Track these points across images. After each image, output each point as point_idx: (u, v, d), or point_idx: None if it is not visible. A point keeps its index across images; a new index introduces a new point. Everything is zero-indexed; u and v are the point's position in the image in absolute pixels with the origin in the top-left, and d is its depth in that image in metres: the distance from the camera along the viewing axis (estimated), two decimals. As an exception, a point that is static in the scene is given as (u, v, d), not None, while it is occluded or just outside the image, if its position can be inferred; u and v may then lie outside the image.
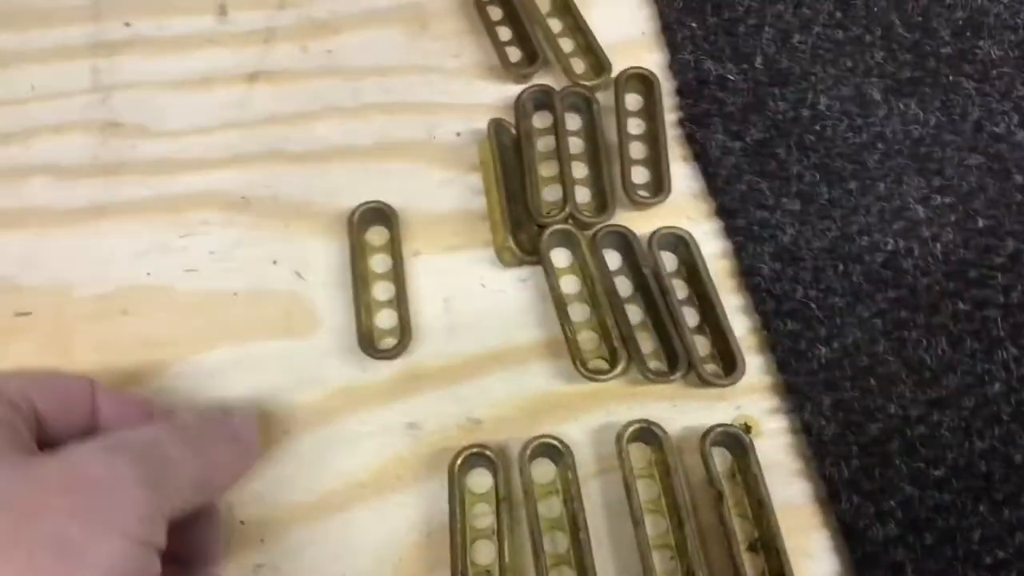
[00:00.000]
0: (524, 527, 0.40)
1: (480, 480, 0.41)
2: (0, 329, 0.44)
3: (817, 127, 0.49)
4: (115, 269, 0.46)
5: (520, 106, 0.49)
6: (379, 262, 0.46)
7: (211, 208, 0.47)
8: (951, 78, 0.51)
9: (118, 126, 0.49)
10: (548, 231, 0.46)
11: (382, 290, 0.45)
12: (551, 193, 0.48)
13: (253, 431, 0.38)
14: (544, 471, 0.42)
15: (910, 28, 0.53)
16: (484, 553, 0.40)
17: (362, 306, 0.44)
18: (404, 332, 0.43)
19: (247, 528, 0.40)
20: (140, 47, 0.52)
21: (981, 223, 0.47)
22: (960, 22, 0.53)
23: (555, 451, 0.41)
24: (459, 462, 0.40)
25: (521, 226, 0.47)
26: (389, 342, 0.44)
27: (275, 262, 0.46)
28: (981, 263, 0.46)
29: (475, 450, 0.41)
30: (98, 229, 0.47)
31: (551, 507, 0.41)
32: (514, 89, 0.50)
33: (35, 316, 0.44)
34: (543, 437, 0.41)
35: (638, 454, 0.42)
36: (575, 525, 0.39)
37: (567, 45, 0.53)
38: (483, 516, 0.40)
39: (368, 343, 0.43)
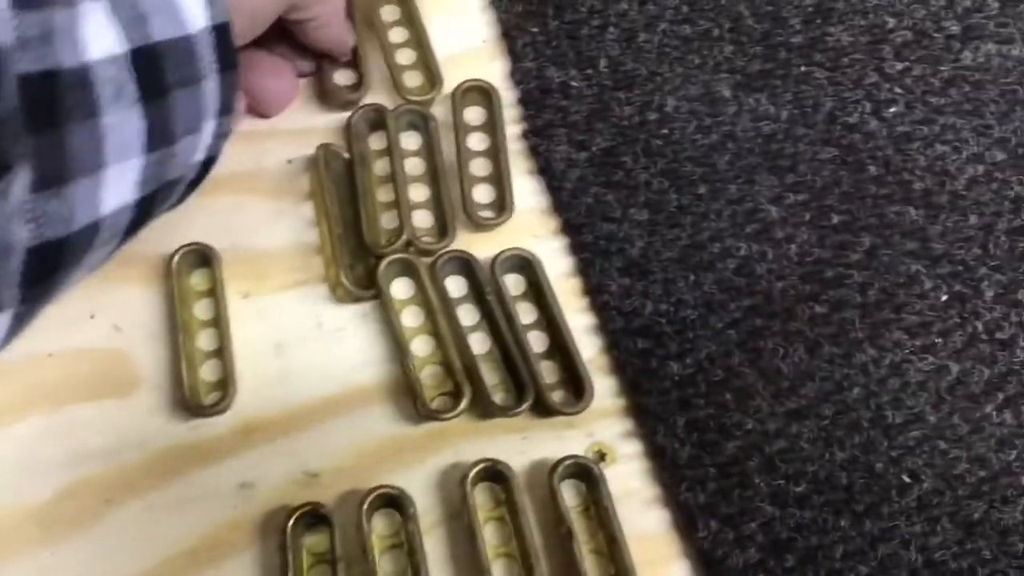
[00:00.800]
0: None
1: (320, 540, 0.39)
2: None
3: (665, 131, 0.47)
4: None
5: (352, 128, 0.46)
6: (204, 308, 0.43)
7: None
8: (802, 68, 0.49)
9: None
10: (385, 262, 0.43)
11: (208, 339, 0.42)
12: (390, 220, 0.45)
13: None
14: (389, 523, 0.39)
15: (759, 19, 0.51)
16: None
17: (183, 358, 0.41)
18: (228, 384, 0.40)
19: (63, 614, 0.37)
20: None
21: (836, 219, 0.45)
22: (810, 9, 0.51)
23: (396, 501, 0.39)
24: (291, 522, 0.38)
25: (359, 258, 0.44)
26: (215, 396, 0.41)
27: (92, 316, 0.43)
28: (837, 262, 0.44)
29: (308, 508, 0.38)
30: None
31: (395, 561, 0.38)
32: (343, 110, 0.47)
33: None
34: (382, 488, 0.38)
35: (488, 495, 0.40)
36: None
37: (406, 58, 0.50)
38: (322, 579, 0.38)
39: (192, 399, 0.40)
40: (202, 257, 0.43)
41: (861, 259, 0.44)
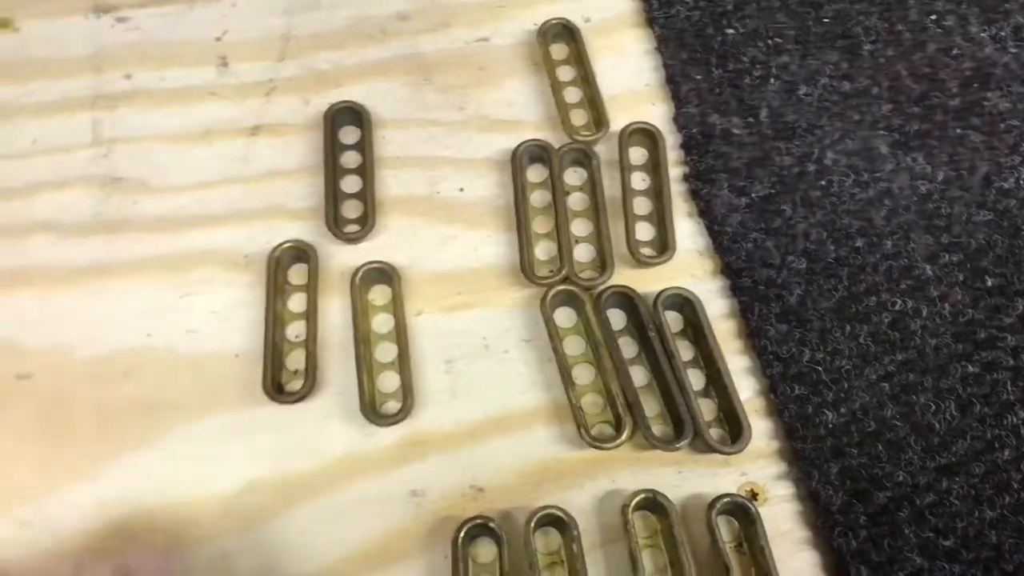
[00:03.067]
0: None
1: (484, 551, 0.41)
2: (1, 391, 0.44)
3: (823, 182, 0.49)
4: (116, 330, 0.45)
5: (516, 160, 0.48)
6: (382, 322, 0.46)
7: (212, 266, 0.47)
8: (959, 131, 0.51)
9: (119, 181, 0.49)
10: (551, 292, 0.45)
11: (384, 351, 0.45)
12: (546, 251, 0.47)
13: None
14: (548, 541, 0.41)
15: (917, 80, 0.52)
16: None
17: (364, 368, 0.43)
18: (407, 396, 0.43)
19: (249, 601, 0.40)
20: (141, 99, 0.52)
21: (990, 282, 0.46)
22: (968, 73, 0.52)
23: (560, 522, 0.41)
24: (462, 534, 0.40)
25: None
26: (392, 406, 0.43)
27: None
28: (990, 324, 0.45)
29: (479, 521, 0.40)
30: (99, 288, 0.46)
31: None
32: (512, 140, 0.49)
33: (36, 378, 0.44)
34: (548, 508, 0.40)
35: (643, 523, 0.42)
36: None
37: (573, 96, 0.52)
38: (486, 589, 0.40)
39: (371, 408, 0.43)
40: (382, 274, 0.46)
41: (1014, 323, 0.45)
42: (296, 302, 0.46)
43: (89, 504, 0.42)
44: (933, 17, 0.54)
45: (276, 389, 0.43)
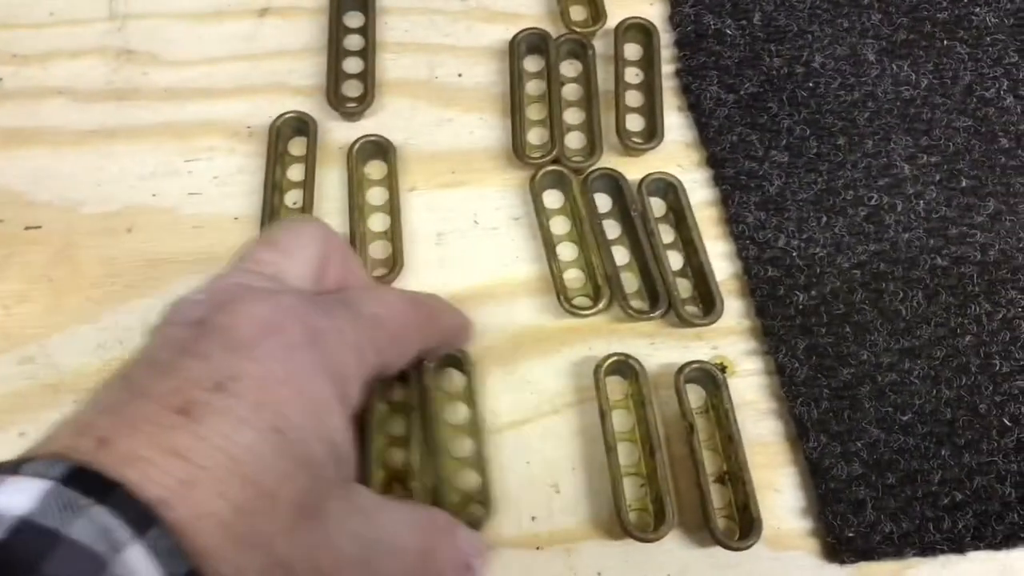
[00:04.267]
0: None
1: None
2: (11, 240, 0.46)
3: (810, 84, 0.50)
4: (122, 189, 0.47)
5: (514, 47, 0.50)
6: (376, 195, 0.48)
7: (216, 135, 0.49)
8: (945, 42, 0.52)
9: (131, 53, 0.51)
10: (540, 172, 0.47)
11: (378, 222, 0.47)
12: (540, 137, 0.49)
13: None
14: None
15: (909, -8, 0.53)
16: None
17: (357, 235, 0.45)
18: (396, 261, 0.45)
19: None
20: (155, -21, 0.53)
21: (964, 183, 0.48)
22: (959, -13, 0.54)
23: (457, 361, 0.43)
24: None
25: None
26: (381, 271, 0.45)
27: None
28: (962, 221, 0.47)
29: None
30: (108, 151, 0.48)
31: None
32: (511, 32, 0.51)
33: (45, 230, 0.46)
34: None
35: (615, 387, 0.44)
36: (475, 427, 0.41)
37: (572, -8, 0.54)
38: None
39: (361, 270, 0.45)
40: (379, 148, 0.48)
41: (984, 221, 0.47)
42: (294, 172, 0.48)
43: (90, 346, 0.44)
44: (929, -66, 0.55)
45: (272, 248, 0.45)
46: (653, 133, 0.49)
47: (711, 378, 0.43)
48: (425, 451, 0.38)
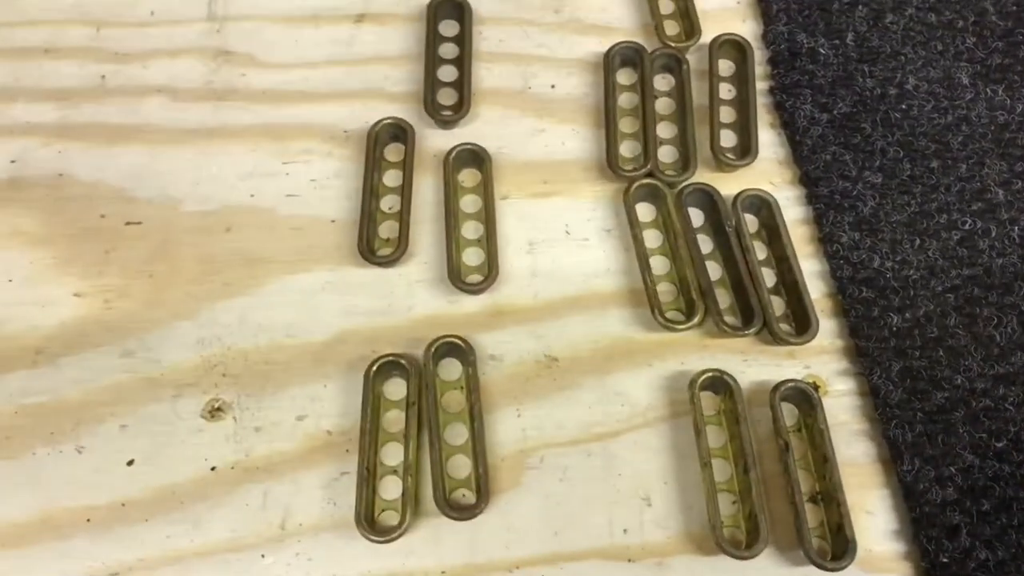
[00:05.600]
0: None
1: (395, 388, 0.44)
2: (113, 235, 0.47)
3: (903, 105, 0.50)
4: (220, 188, 0.48)
5: (609, 60, 0.50)
6: (469, 203, 0.48)
7: (313, 139, 0.50)
8: (1041, 68, 0.52)
9: (229, 54, 0.52)
10: (634, 185, 0.47)
11: (472, 229, 0.47)
12: (632, 149, 0.49)
13: None
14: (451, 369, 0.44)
15: (1003, 16, 0.53)
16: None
17: (453, 241, 0.46)
18: (491, 268, 0.45)
19: (334, 438, 0.42)
20: (253, -18, 0.54)
21: (1060, 211, 0.48)
22: (1054, 13, 0.53)
23: (459, 349, 0.44)
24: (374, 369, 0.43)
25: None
26: (476, 278, 0.46)
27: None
28: (1057, 249, 0.47)
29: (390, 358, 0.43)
30: (206, 150, 0.49)
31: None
32: (604, 44, 0.51)
33: (145, 226, 0.47)
34: (446, 337, 0.44)
35: (708, 402, 0.44)
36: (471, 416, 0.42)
37: (666, 7, 0.54)
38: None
39: (457, 276, 0.45)
40: (474, 156, 0.48)
41: (1081, 249, 0.47)
42: (391, 178, 0.49)
43: (189, 341, 0.44)
44: (1025, -41, 0.55)
45: (370, 251, 0.46)
46: (747, 149, 0.49)
47: (806, 397, 0.43)
48: (427, 441, 0.42)
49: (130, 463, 0.42)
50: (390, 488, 0.42)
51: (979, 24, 0.53)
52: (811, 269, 0.47)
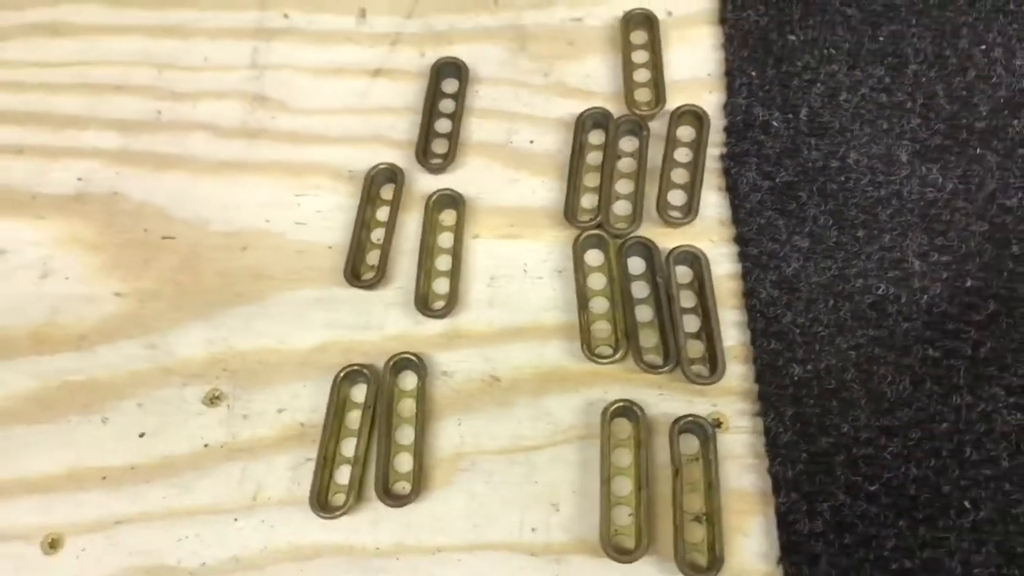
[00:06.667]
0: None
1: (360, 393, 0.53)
2: (152, 247, 0.57)
3: (842, 178, 0.56)
4: (242, 214, 0.58)
5: (580, 123, 0.58)
6: (444, 239, 0.56)
7: (323, 176, 0.59)
8: (978, 150, 0.56)
9: (264, 99, 0.62)
10: (584, 234, 0.55)
11: (444, 262, 0.56)
12: (590, 201, 0.57)
13: None
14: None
15: (951, 101, 0.58)
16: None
17: (423, 272, 0.54)
18: (453, 298, 0.53)
19: (306, 429, 0.51)
20: (293, 36, 0.64)
21: (969, 283, 0.53)
22: (1001, 100, 0.58)
23: (413, 364, 0.52)
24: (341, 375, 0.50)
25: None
26: (440, 304, 0.54)
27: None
28: (960, 318, 0.52)
29: (356, 368, 0.52)
30: (236, 180, 0.59)
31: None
32: (583, 106, 0.59)
33: (177, 240, 0.57)
34: (404, 353, 0.52)
35: (622, 428, 0.51)
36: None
37: (642, 76, 0.61)
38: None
39: (423, 303, 0.53)
40: (451, 200, 0.57)
41: (982, 320, 0.52)
42: (382, 213, 0.57)
43: (201, 340, 0.54)
44: (982, 47, 0.60)
45: (354, 276, 0.54)
46: (690, 209, 0.55)
47: (702, 430, 0.50)
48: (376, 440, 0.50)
49: (142, 435, 0.52)
50: (345, 475, 0.50)
51: (927, 106, 0.58)
52: (733, 319, 0.53)
